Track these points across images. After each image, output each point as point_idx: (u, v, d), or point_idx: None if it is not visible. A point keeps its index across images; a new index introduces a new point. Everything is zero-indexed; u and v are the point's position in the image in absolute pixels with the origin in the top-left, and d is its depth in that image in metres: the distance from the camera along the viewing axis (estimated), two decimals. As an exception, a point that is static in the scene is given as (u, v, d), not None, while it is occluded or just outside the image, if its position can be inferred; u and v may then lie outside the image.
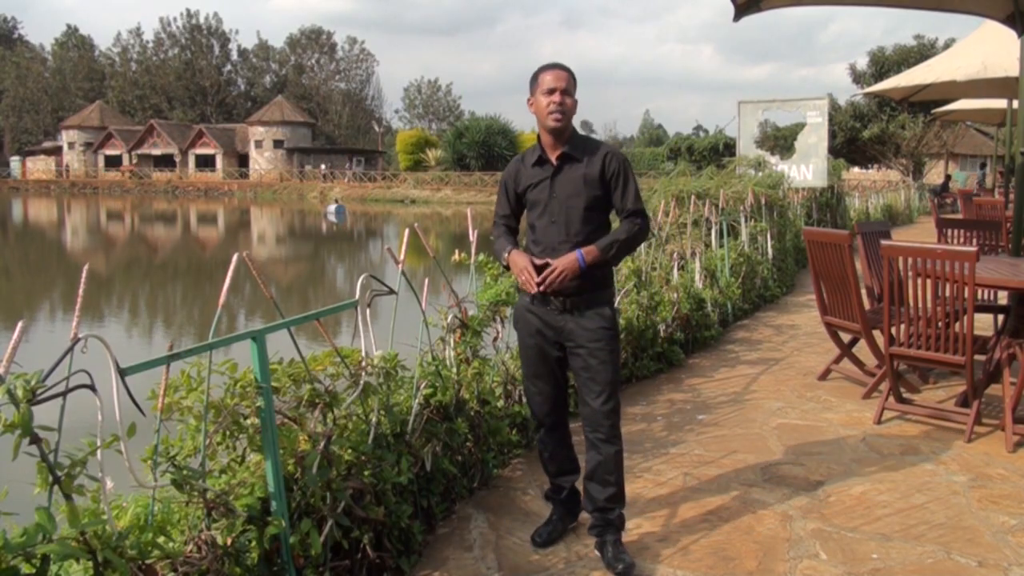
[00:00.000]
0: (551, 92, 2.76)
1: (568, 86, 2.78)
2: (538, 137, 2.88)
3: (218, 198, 55.06)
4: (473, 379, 3.54)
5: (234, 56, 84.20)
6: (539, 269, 2.74)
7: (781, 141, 21.34)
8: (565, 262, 2.72)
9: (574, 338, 2.82)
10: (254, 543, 2.28)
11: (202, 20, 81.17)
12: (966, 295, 4.02)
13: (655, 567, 2.85)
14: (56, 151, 68.39)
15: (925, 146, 37.42)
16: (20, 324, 1.81)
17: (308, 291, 17.45)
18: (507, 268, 2.92)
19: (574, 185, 2.79)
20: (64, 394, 1.76)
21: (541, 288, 2.71)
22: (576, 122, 2.99)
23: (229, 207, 48.44)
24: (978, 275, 4.04)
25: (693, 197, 7.73)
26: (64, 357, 1.79)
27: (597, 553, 2.90)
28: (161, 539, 2.08)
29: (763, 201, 9.18)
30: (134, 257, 24.52)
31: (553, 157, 2.82)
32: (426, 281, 3.39)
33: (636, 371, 5.32)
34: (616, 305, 3.20)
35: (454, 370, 3.51)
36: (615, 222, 2.92)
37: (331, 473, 2.50)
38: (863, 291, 5.15)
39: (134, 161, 64.19)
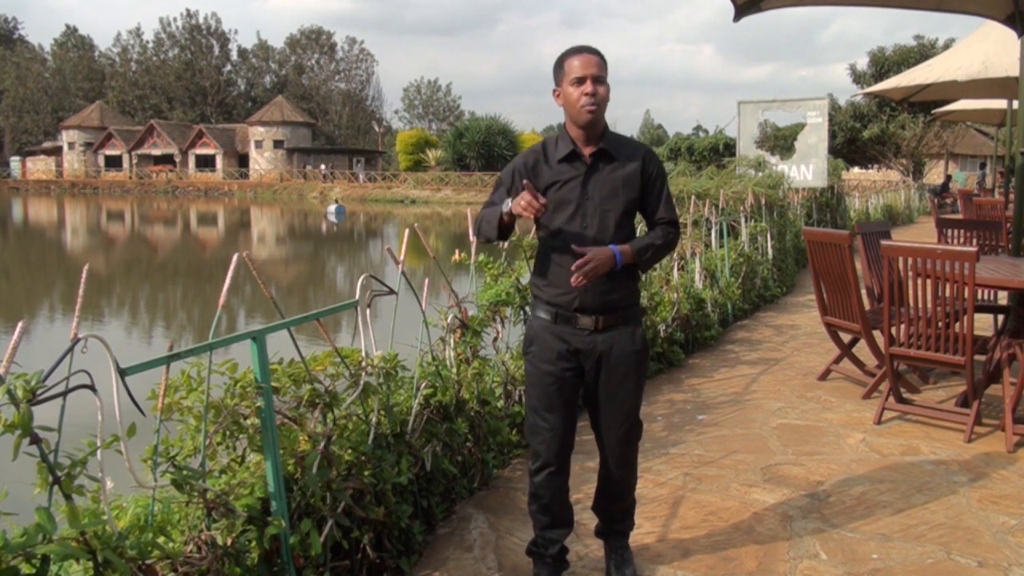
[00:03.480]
0: (581, 81, 2.42)
1: (600, 72, 2.43)
2: (564, 130, 2.56)
3: (218, 198, 55.05)
4: (473, 379, 3.54)
5: (234, 56, 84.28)
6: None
7: (781, 141, 21.33)
8: (601, 255, 2.39)
9: (602, 363, 2.53)
10: (254, 543, 2.28)
11: (201, 20, 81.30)
12: (966, 295, 4.02)
13: (655, 567, 2.85)
14: (56, 151, 68.39)
15: (925, 146, 37.45)
16: (20, 324, 1.81)
17: (308, 291, 17.44)
18: (503, 230, 2.50)
19: (611, 186, 2.48)
20: (64, 394, 1.76)
21: (581, 282, 2.39)
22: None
23: (229, 207, 48.43)
24: (978, 275, 4.04)
25: (693, 197, 7.73)
26: (64, 357, 1.79)
27: (600, 553, 2.89)
28: (161, 539, 2.08)
29: (763, 201, 9.18)
30: (134, 257, 24.51)
31: (587, 153, 2.49)
32: (426, 281, 3.39)
33: (636, 371, 5.31)
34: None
35: (454, 370, 3.51)
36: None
37: (331, 473, 2.50)
38: (863, 291, 5.15)
39: (135, 162, 64.23)
